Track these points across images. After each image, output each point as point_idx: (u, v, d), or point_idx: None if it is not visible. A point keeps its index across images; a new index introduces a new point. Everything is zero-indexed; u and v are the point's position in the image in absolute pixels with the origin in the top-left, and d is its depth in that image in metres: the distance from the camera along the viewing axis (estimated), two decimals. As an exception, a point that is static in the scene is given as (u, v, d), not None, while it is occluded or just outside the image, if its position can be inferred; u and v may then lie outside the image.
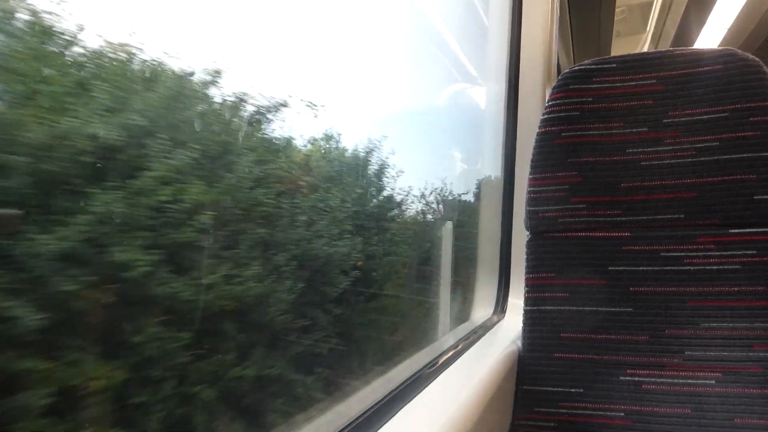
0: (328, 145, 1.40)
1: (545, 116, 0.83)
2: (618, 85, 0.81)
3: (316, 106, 1.20)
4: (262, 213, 1.09)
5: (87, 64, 0.77)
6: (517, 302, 1.19)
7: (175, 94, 0.92)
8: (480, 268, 1.27)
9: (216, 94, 0.99)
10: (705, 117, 0.77)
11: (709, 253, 0.75)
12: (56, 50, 0.72)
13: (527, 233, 0.86)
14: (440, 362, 0.76)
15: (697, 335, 0.75)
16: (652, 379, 0.76)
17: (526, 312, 0.83)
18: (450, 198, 1.80)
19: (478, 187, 1.44)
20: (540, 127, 0.84)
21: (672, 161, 0.78)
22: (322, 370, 1.18)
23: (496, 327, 1.09)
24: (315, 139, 1.35)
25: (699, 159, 0.76)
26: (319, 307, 1.26)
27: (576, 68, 0.82)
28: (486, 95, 1.45)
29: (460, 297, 1.38)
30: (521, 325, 0.84)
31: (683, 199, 0.77)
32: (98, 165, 0.77)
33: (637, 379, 0.76)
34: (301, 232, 1.23)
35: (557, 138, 0.82)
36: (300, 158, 1.30)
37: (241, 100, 1.04)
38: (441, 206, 1.69)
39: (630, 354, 0.77)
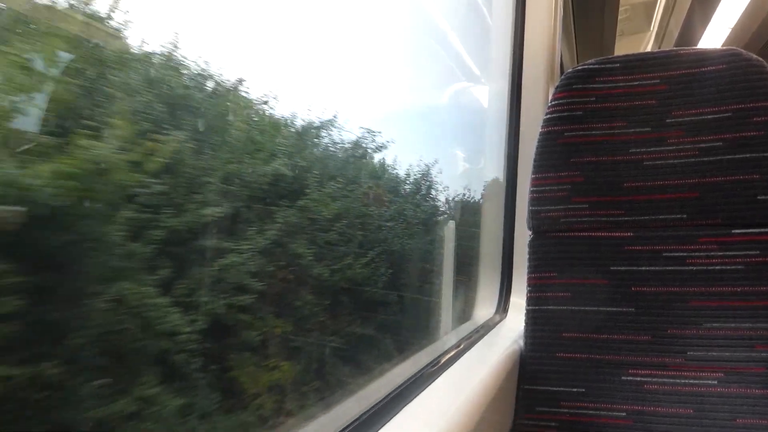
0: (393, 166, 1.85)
1: (548, 116, 0.83)
2: (621, 84, 0.80)
3: (374, 132, 1.63)
4: (363, 220, 1.59)
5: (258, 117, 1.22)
6: (519, 302, 1.19)
7: (311, 139, 1.44)
8: (482, 267, 1.27)
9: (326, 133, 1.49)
10: (708, 117, 0.76)
11: (712, 254, 0.75)
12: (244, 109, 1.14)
13: (529, 233, 0.85)
14: (442, 361, 0.76)
15: (699, 335, 0.74)
16: (654, 379, 0.75)
17: (528, 311, 0.83)
18: (452, 197, 1.82)
19: (482, 186, 1.44)
20: (543, 127, 0.84)
21: (675, 161, 0.77)
22: (401, 334, 1.66)
23: (498, 326, 1.09)
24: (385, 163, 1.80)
25: (702, 159, 0.76)
26: (396, 287, 1.70)
27: (579, 68, 0.82)
28: (489, 94, 1.45)
29: (462, 296, 1.39)
30: (523, 324, 0.84)
31: (686, 199, 0.77)
32: (280, 191, 1.23)
33: (639, 379, 0.76)
34: (385, 234, 1.70)
35: (560, 138, 0.82)
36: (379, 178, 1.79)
37: (356, 146, 1.59)
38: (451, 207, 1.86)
39: (632, 354, 0.77)
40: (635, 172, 0.79)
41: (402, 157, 1.77)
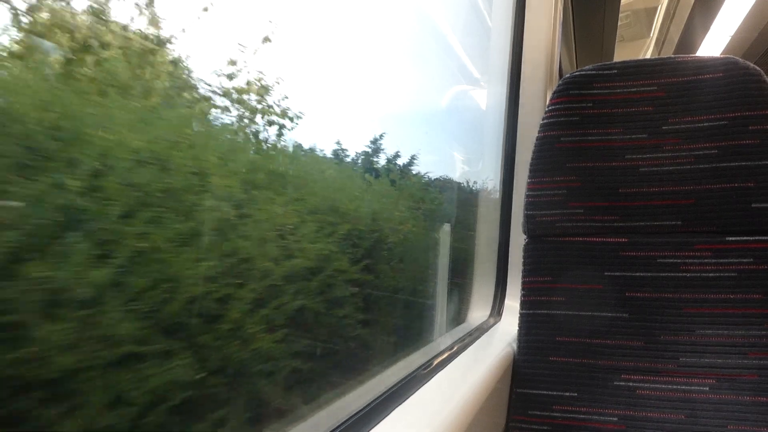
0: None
1: (545, 121, 0.83)
2: (618, 91, 0.81)
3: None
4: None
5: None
6: (513, 305, 1.19)
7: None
8: (477, 270, 1.27)
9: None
10: (705, 124, 0.77)
11: (706, 260, 0.76)
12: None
13: (525, 237, 0.86)
14: (435, 363, 0.76)
15: (692, 342, 0.75)
16: (647, 385, 0.76)
17: (522, 315, 0.83)
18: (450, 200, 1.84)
19: (478, 189, 1.45)
20: (540, 132, 0.84)
21: (671, 168, 0.78)
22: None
23: (492, 329, 1.09)
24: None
25: (698, 166, 0.77)
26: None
27: (577, 73, 0.82)
28: (487, 98, 1.45)
29: (456, 299, 1.39)
30: (517, 327, 0.84)
31: (681, 206, 0.77)
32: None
33: (631, 384, 0.76)
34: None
35: (557, 142, 0.82)
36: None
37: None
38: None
39: (625, 359, 0.77)
40: (631, 179, 0.79)
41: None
